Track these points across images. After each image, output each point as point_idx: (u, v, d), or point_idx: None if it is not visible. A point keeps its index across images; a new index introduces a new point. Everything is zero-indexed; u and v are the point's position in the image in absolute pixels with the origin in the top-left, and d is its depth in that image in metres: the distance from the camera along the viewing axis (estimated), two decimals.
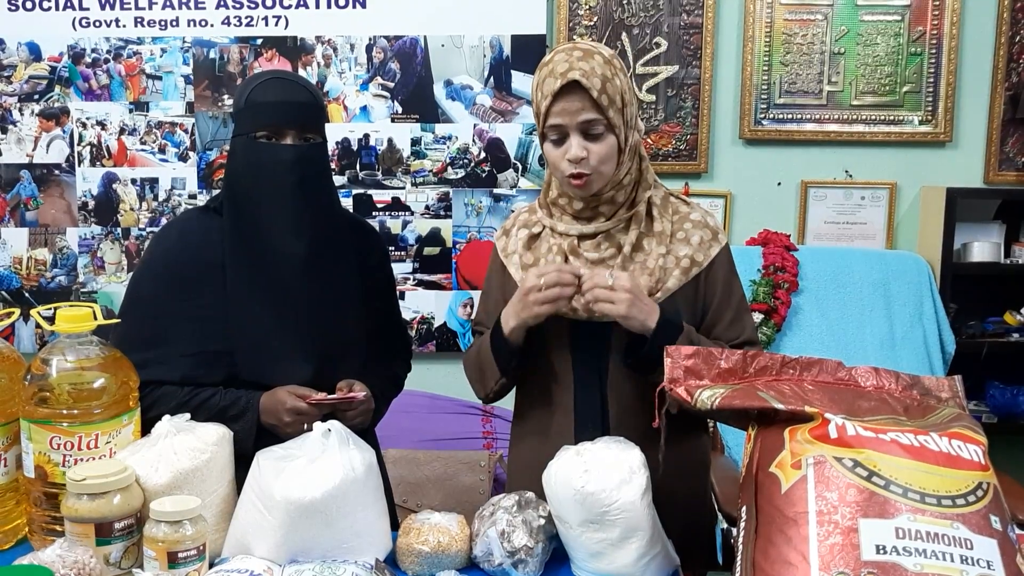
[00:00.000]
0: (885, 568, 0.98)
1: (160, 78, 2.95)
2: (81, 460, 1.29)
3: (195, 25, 2.92)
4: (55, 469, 1.29)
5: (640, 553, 1.25)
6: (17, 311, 1.58)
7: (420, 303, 3.00)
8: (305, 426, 1.40)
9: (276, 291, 1.52)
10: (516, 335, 1.46)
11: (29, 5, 2.92)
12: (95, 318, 1.34)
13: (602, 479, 1.24)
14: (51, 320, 1.34)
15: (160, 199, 2.99)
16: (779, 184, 2.97)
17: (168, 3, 2.91)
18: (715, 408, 1.20)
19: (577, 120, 1.41)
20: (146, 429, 1.37)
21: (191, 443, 1.32)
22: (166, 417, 1.34)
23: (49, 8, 2.92)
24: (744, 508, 1.13)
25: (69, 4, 2.92)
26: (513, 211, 2.91)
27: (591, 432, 1.41)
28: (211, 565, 1.26)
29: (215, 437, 1.35)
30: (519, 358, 1.49)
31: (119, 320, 1.55)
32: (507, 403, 1.69)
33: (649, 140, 2.94)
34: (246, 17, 2.91)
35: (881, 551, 0.99)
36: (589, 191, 1.46)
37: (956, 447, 1.09)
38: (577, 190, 1.46)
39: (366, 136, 2.95)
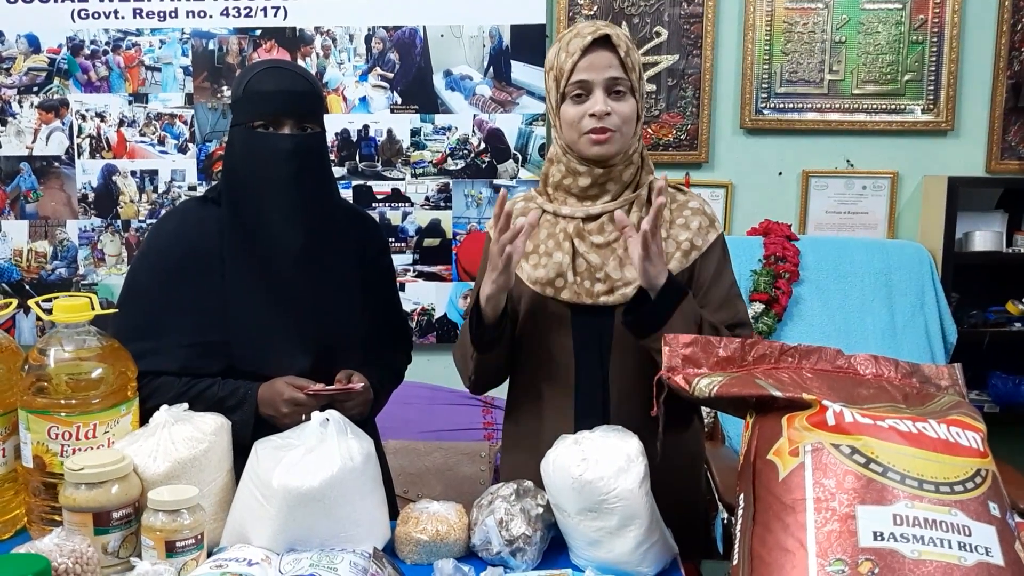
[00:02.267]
0: (882, 554, 0.97)
1: (159, 69, 2.94)
2: (79, 450, 1.29)
3: (194, 16, 2.92)
4: (53, 459, 1.29)
5: (638, 541, 1.25)
6: (14, 302, 1.57)
7: (420, 294, 3.00)
8: (303, 417, 1.40)
9: (274, 282, 1.52)
10: (492, 304, 1.44)
11: None
12: (92, 308, 1.34)
13: (600, 467, 1.24)
14: (49, 311, 1.33)
15: (160, 191, 2.98)
16: (780, 174, 2.96)
17: None
18: (713, 396, 1.19)
19: (604, 76, 1.44)
20: (144, 419, 1.37)
21: (189, 433, 1.32)
22: (164, 407, 1.34)
23: (48, 0, 2.92)
24: (742, 496, 1.13)
25: None
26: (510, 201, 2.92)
27: (591, 420, 1.41)
28: (210, 554, 1.26)
29: (213, 427, 1.35)
30: (495, 333, 1.47)
31: (117, 310, 1.54)
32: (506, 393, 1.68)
33: (650, 130, 2.93)
34: (245, 8, 2.91)
35: (879, 538, 0.99)
36: (610, 149, 1.46)
37: (955, 434, 1.09)
38: (597, 147, 1.45)
39: (365, 127, 2.94)
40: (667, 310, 1.38)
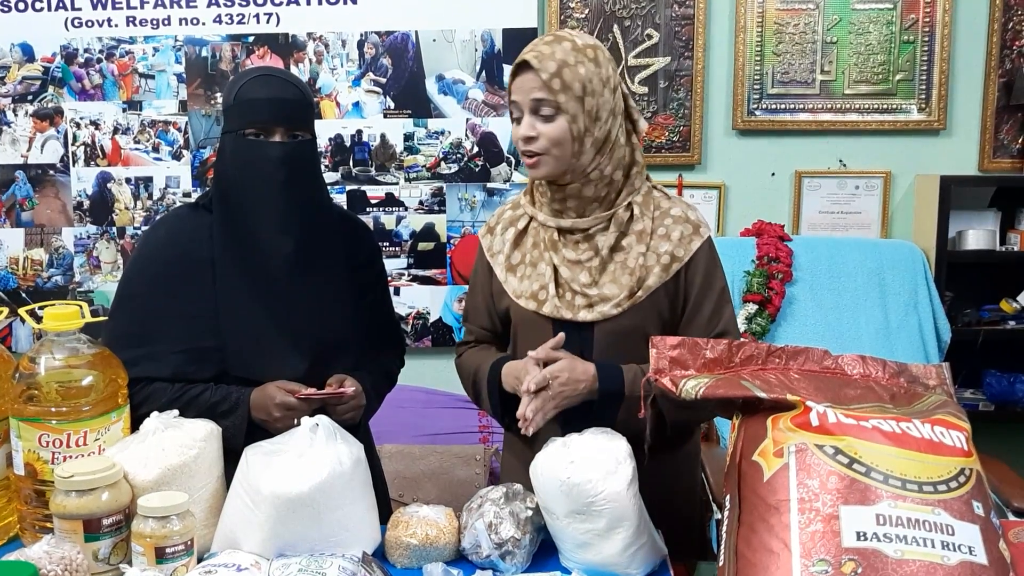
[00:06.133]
0: (866, 554, 0.98)
1: (153, 77, 2.95)
2: (70, 457, 1.29)
3: (187, 23, 2.92)
4: (44, 467, 1.30)
5: (627, 543, 1.25)
6: (6, 310, 1.58)
7: (415, 298, 3.01)
8: (295, 421, 1.41)
9: (265, 287, 1.52)
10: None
11: (21, 6, 2.93)
12: (82, 316, 1.35)
13: (588, 470, 1.24)
14: (40, 319, 1.34)
15: (155, 198, 2.99)
16: (773, 174, 2.97)
17: (160, 2, 2.91)
18: (699, 398, 1.20)
19: (528, 98, 1.43)
20: (137, 426, 1.38)
21: (179, 439, 1.32)
22: (154, 414, 1.35)
23: (41, 9, 2.93)
24: (728, 497, 1.13)
25: (61, 4, 2.92)
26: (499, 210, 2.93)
27: (577, 424, 1.42)
28: (200, 560, 1.26)
29: (203, 433, 1.35)
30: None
31: (109, 318, 1.55)
32: None
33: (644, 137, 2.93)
34: (238, 15, 2.91)
35: (862, 538, 0.99)
36: (539, 173, 1.46)
37: (939, 433, 1.09)
38: (530, 170, 1.47)
39: (359, 132, 2.95)
40: (610, 416, 1.41)
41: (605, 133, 1.45)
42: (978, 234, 2.83)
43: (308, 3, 2.90)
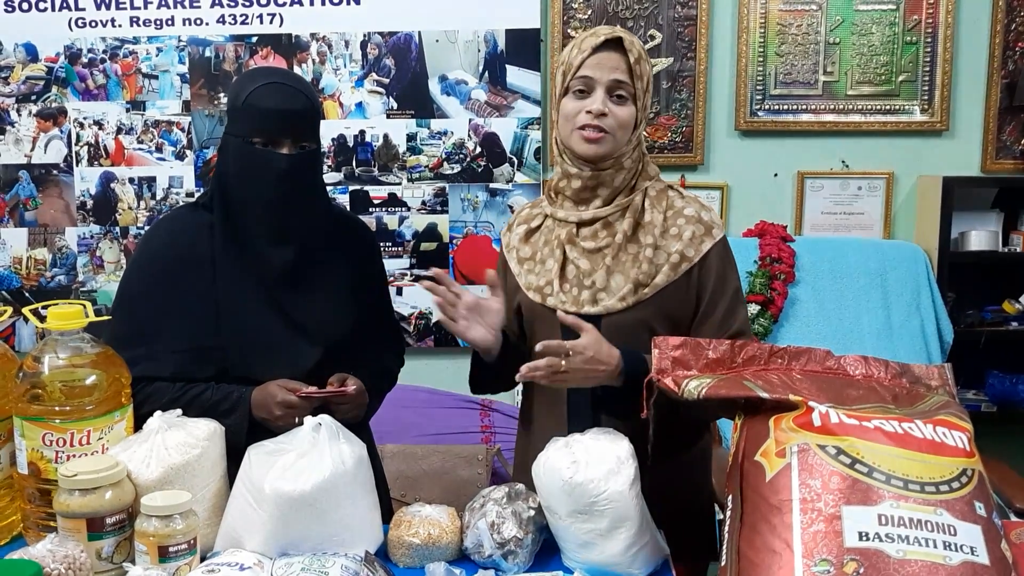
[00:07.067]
0: (868, 555, 0.98)
1: (156, 77, 2.96)
2: (73, 456, 1.29)
3: (190, 24, 2.93)
4: (48, 466, 1.30)
5: (629, 543, 1.25)
6: (9, 310, 1.59)
7: (418, 298, 3.01)
8: (296, 420, 1.41)
9: (266, 287, 1.52)
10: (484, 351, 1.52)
11: (25, 6, 2.94)
12: (86, 315, 1.35)
13: (590, 470, 1.25)
14: (43, 318, 1.35)
15: (158, 198, 3.00)
16: (775, 175, 2.97)
17: (163, 2, 2.92)
18: (701, 398, 1.20)
19: (609, 77, 1.45)
20: (139, 425, 1.38)
21: (182, 439, 1.32)
22: (157, 413, 1.35)
23: (45, 9, 2.94)
24: (730, 497, 1.14)
25: (65, 4, 2.93)
26: (510, 205, 2.94)
27: (582, 424, 1.41)
28: (203, 559, 1.27)
29: (206, 432, 1.35)
30: (490, 374, 1.55)
31: (110, 317, 1.55)
32: (506, 397, 1.70)
33: (645, 133, 2.93)
34: (241, 15, 2.92)
35: (864, 538, 0.99)
36: (600, 150, 1.46)
37: (941, 434, 1.10)
38: (588, 145, 1.46)
39: (362, 132, 2.96)
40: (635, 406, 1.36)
41: (644, 129, 1.53)
42: (980, 235, 2.83)
43: (311, 4, 2.90)
